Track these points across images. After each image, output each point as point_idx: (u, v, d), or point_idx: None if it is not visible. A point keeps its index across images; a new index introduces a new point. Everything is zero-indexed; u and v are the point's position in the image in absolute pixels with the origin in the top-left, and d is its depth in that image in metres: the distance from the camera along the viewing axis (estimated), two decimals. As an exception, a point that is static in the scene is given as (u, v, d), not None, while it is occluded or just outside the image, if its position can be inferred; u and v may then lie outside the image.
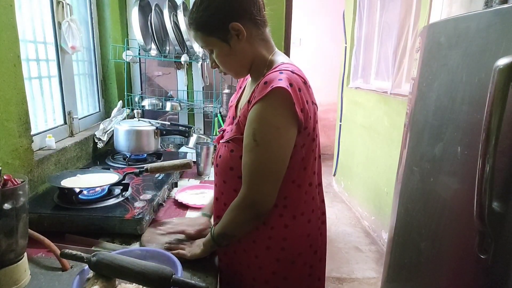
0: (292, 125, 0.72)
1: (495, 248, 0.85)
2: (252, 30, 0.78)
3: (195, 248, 0.86)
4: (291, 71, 0.73)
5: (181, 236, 0.94)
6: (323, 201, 0.90)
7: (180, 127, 1.72)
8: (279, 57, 0.82)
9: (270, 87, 0.70)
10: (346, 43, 3.49)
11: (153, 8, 1.79)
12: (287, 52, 2.09)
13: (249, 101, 0.76)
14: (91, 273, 0.70)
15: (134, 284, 0.71)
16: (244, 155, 0.75)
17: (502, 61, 0.77)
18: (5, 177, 0.71)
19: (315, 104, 0.80)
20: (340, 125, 3.60)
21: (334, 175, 3.79)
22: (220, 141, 0.86)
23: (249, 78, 0.92)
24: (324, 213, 0.91)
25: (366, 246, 2.59)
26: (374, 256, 2.46)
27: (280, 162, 0.73)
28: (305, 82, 0.75)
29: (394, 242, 1.42)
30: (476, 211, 0.84)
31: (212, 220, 1.03)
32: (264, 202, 0.74)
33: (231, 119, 0.90)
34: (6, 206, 0.69)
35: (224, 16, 0.76)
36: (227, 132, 0.85)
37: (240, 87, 0.97)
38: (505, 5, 0.90)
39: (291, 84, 0.70)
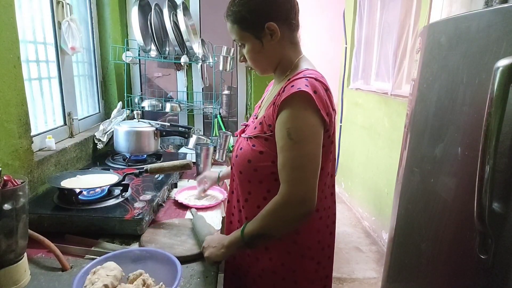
0: (321, 126, 0.75)
1: (496, 248, 0.85)
2: (285, 32, 0.82)
3: (215, 250, 0.82)
4: (315, 78, 0.76)
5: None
6: (334, 202, 0.93)
7: (179, 128, 1.72)
8: (304, 62, 0.86)
9: (297, 89, 0.73)
10: (346, 44, 3.49)
11: (152, 8, 1.79)
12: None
13: (274, 103, 0.78)
14: (91, 273, 0.70)
15: (134, 284, 0.71)
16: (282, 156, 0.75)
17: (502, 62, 0.77)
18: (5, 177, 0.71)
19: (334, 110, 0.83)
20: (341, 126, 3.60)
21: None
22: (242, 135, 0.88)
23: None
24: (335, 214, 0.93)
25: (366, 247, 2.58)
26: (374, 256, 2.45)
27: (317, 157, 0.75)
28: (327, 89, 0.78)
29: (394, 242, 1.42)
30: (477, 212, 0.84)
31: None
32: (313, 198, 0.74)
33: (253, 117, 0.93)
34: (6, 206, 0.69)
35: (263, 14, 0.79)
36: (249, 127, 0.87)
37: (267, 91, 1.00)
38: (505, 5, 0.90)
39: (315, 91, 0.74)
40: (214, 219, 1.12)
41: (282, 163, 0.75)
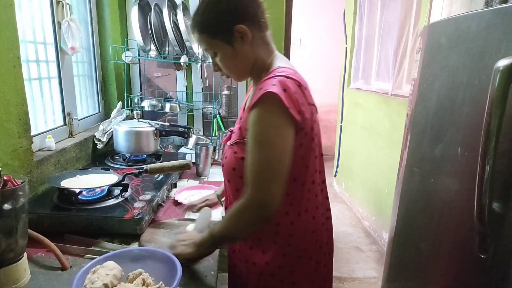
0: (289, 125, 0.73)
1: (495, 248, 0.85)
2: (255, 32, 0.79)
3: (186, 248, 0.83)
4: (285, 76, 0.74)
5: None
6: (327, 197, 0.92)
7: (179, 128, 1.72)
8: (277, 60, 0.83)
9: (263, 91, 0.71)
10: (346, 44, 3.48)
11: (152, 8, 1.79)
12: (287, 52, 2.08)
13: (248, 107, 0.77)
14: (91, 272, 0.71)
15: (134, 283, 0.71)
16: (248, 158, 0.75)
17: (502, 63, 0.77)
18: (5, 177, 0.71)
19: (313, 105, 0.80)
20: (341, 126, 3.60)
21: (335, 175, 3.79)
22: (227, 143, 0.88)
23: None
24: (328, 209, 0.93)
25: (366, 246, 2.58)
26: (374, 256, 2.45)
27: (283, 160, 0.73)
28: (300, 85, 0.76)
29: (394, 242, 1.42)
30: (476, 212, 0.84)
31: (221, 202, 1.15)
32: (273, 202, 0.73)
33: (239, 120, 0.92)
34: (6, 206, 0.69)
35: (229, 18, 0.77)
36: (234, 133, 0.87)
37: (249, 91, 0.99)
38: (505, 5, 0.90)
39: (284, 90, 0.72)
40: (215, 218, 1.12)
41: (248, 165, 0.75)
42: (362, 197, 3.05)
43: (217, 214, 1.16)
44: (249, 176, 0.74)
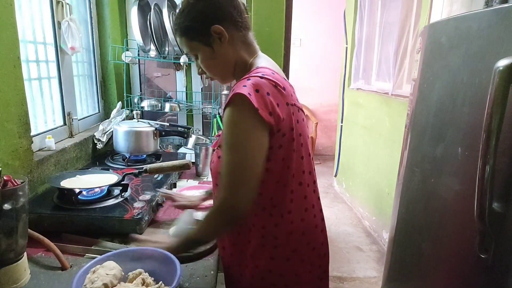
0: (260, 127, 0.72)
1: (496, 248, 0.84)
2: (234, 33, 0.80)
3: (158, 245, 0.83)
4: (260, 76, 0.73)
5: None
6: (318, 198, 0.90)
7: (179, 128, 1.72)
8: (258, 60, 0.83)
9: (233, 93, 0.71)
10: (346, 44, 3.48)
11: (152, 8, 1.79)
12: (287, 53, 2.08)
13: None
14: (91, 272, 0.70)
15: (134, 283, 0.71)
16: (221, 160, 0.76)
17: (502, 62, 0.77)
18: (5, 177, 0.71)
19: (293, 105, 0.78)
20: (341, 126, 3.59)
21: (335, 175, 3.79)
22: (214, 148, 0.88)
23: None
24: (321, 211, 0.91)
25: (367, 246, 2.58)
26: (375, 255, 2.45)
27: (252, 163, 0.73)
28: (276, 85, 0.74)
29: (395, 242, 1.42)
30: (477, 211, 0.84)
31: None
32: (241, 205, 0.73)
33: None
34: (6, 206, 0.69)
35: (205, 19, 0.77)
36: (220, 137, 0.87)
37: None
38: (506, 5, 0.90)
39: (257, 90, 0.71)
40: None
41: (220, 169, 0.75)
42: (363, 197, 3.05)
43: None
44: (220, 178, 0.75)
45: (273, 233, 0.82)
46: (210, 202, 1.22)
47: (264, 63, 0.82)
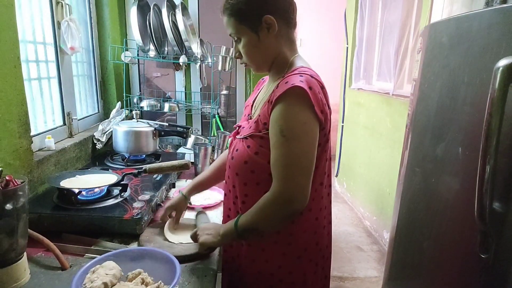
0: (315, 122, 0.74)
1: (496, 247, 0.84)
2: (282, 27, 0.81)
3: (211, 237, 0.84)
4: (310, 75, 0.75)
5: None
6: (330, 202, 0.92)
7: (178, 128, 1.72)
8: (300, 60, 0.85)
9: (291, 84, 0.72)
10: (347, 44, 3.48)
11: (151, 8, 1.79)
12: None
13: (269, 101, 0.78)
14: (90, 272, 0.70)
15: (133, 282, 0.71)
16: (274, 153, 0.75)
17: (502, 62, 0.77)
18: (6, 177, 0.72)
19: (330, 109, 0.82)
20: (342, 126, 3.59)
21: (337, 175, 3.78)
22: (237, 137, 0.87)
23: (266, 81, 0.95)
24: (330, 214, 0.92)
25: (367, 246, 2.58)
26: (375, 255, 2.45)
27: (310, 155, 0.74)
28: (322, 87, 0.78)
29: (396, 241, 1.41)
30: (477, 211, 0.84)
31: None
32: (302, 196, 0.73)
33: (246, 117, 0.92)
34: (8, 206, 0.70)
35: (260, 7, 0.78)
36: (243, 128, 0.87)
37: (258, 89, 0.99)
38: (506, 5, 0.90)
39: (310, 88, 0.73)
40: (215, 219, 1.12)
41: (274, 160, 0.75)
42: (364, 197, 3.04)
43: (218, 214, 1.16)
44: (276, 170, 0.74)
45: (289, 230, 0.82)
46: (208, 203, 1.22)
47: (306, 64, 0.84)
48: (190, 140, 1.84)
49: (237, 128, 0.90)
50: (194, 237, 0.88)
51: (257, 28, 0.79)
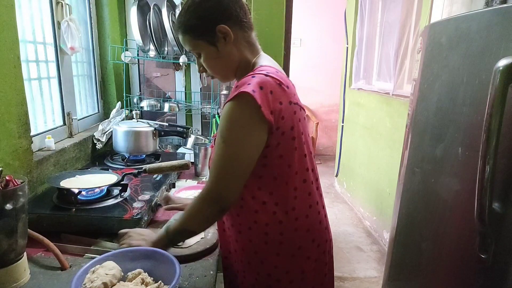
0: (259, 125, 0.73)
1: (495, 248, 0.84)
2: (238, 33, 0.80)
3: (145, 243, 0.84)
4: (265, 74, 0.74)
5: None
6: (321, 195, 0.91)
7: (178, 128, 1.72)
8: (261, 59, 0.84)
9: (238, 91, 0.72)
10: (347, 44, 3.48)
11: (151, 8, 1.79)
12: (287, 53, 2.08)
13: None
14: (90, 272, 0.70)
15: (133, 282, 0.71)
16: (213, 153, 0.78)
17: (502, 62, 0.77)
18: (7, 177, 0.72)
19: (296, 104, 0.80)
20: (342, 126, 3.59)
21: (336, 175, 3.78)
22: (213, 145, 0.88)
23: None
24: (324, 207, 0.92)
25: (367, 246, 2.58)
26: (375, 255, 2.45)
27: (244, 159, 0.75)
28: (280, 84, 0.75)
29: (395, 241, 1.41)
30: (477, 212, 0.84)
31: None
32: (228, 197, 0.75)
33: None
34: (8, 206, 0.70)
35: (212, 19, 0.78)
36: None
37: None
38: (505, 5, 0.90)
39: (261, 87, 0.72)
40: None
41: (212, 159, 0.77)
42: (364, 197, 3.04)
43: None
44: (211, 170, 0.77)
45: (278, 230, 0.82)
46: None
47: (267, 62, 0.83)
48: (190, 140, 1.84)
49: (214, 138, 0.90)
50: (123, 235, 0.87)
51: (214, 40, 0.79)
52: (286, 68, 1.91)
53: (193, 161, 1.51)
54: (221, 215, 0.79)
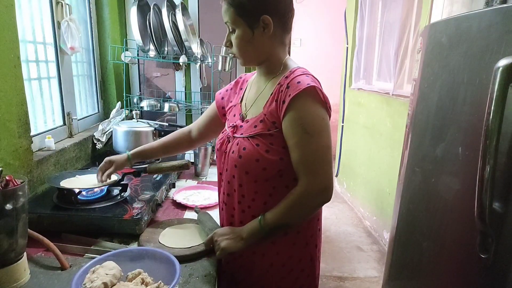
0: (328, 116, 0.82)
1: (496, 247, 0.84)
2: (277, 29, 0.83)
3: (233, 242, 0.83)
4: (313, 76, 0.82)
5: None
6: None
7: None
8: (292, 62, 0.88)
9: (306, 85, 0.77)
10: (347, 44, 3.48)
11: (151, 8, 1.79)
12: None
13: (277, 100, 0.80)
14: (90, 272, 0.70)
15: (133, 282, 0.71)
16: (298, 151, 0.79)
17: (502, 62, 0.77)
18: (7, 177, 0.72)
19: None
20: (342, 126, 3.59)
21: (336, 175, 3.78)
22: (236, 135, 0.87)
23: (249, 79, 0.96)
24: None
25: (367, 246, 2.58)
26: (375, 255, 2.45)
27: (331, 148, 0.80)
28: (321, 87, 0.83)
29: (396, 241, 1.41)
30: (477, 211, 0.84)
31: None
32: (331, 186, 0.79)
33: (238, 116, 0.91)
34: (8, 206, 0.70)
35: (261, 6, 0.80)
36: (241, 127, 0.86)
37: (241, 88, 0.98)
38: (506, 5, 0.90)
39: (319, 84, 0.81)
40: (215, 218, 1.12)
41: (300, 157, 0.79)
42: (364, 197, 3.04)
43: (217, 214, 1.16)
44: (307, 165, 0.79)
45: None
46: (209, 203, 1.22)
47: (298, 65, 0.87)
48: (190, 140, 1.83)
49: (233, 128, 0.89)
50: (209, 244, 0.87)
51: (254, 25, 0.80)
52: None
53: (193, 161, 1.51)
54: (324, 203, 0.82)
